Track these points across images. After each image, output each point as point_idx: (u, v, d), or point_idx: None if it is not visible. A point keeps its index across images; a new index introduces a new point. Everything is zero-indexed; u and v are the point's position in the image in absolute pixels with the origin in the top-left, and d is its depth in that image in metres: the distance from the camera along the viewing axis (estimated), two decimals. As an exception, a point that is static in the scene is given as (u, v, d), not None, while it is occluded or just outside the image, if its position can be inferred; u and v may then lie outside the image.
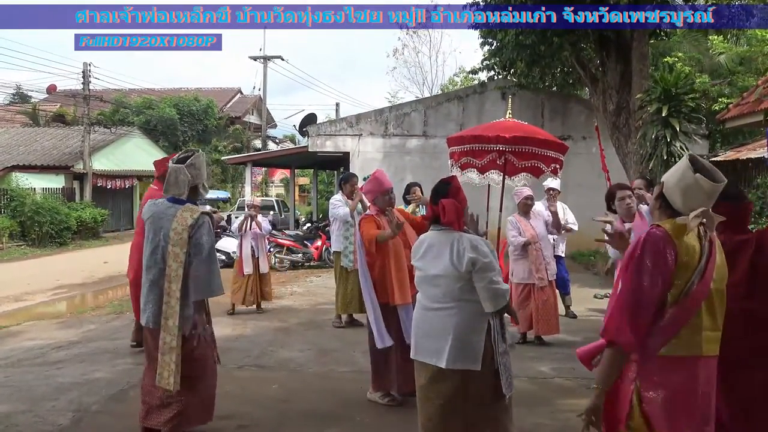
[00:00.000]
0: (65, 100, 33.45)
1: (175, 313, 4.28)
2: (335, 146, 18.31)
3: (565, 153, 7.47)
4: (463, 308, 3.71)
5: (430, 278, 3.80)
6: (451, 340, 3.67)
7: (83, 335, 8.73)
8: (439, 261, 3.75)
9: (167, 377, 4.27)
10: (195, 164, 4.44)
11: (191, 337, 4.41)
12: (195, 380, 4.44)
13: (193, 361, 4.43)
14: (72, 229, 23.46)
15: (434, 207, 3.85)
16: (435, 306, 3.78)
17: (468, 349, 3.68)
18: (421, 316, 3.87)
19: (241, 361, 7.24)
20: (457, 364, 3.66)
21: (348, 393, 6.12)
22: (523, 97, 17.31)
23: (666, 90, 10.69)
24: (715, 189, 2.87)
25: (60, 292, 13.27)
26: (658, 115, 10.73)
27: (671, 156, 10.44)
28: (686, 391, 2.84)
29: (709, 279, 2.87)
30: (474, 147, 7.27)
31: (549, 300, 7.88)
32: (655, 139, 10.70)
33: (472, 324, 3.71)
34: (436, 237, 3.85)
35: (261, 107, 38.76)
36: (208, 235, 4.37)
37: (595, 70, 14.86)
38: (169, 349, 4.27)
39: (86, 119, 26.99)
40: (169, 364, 4.26)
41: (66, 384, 6.32)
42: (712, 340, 2.91)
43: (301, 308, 10.73)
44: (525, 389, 6.04)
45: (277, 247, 16.19)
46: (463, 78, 35.31)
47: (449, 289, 3.71)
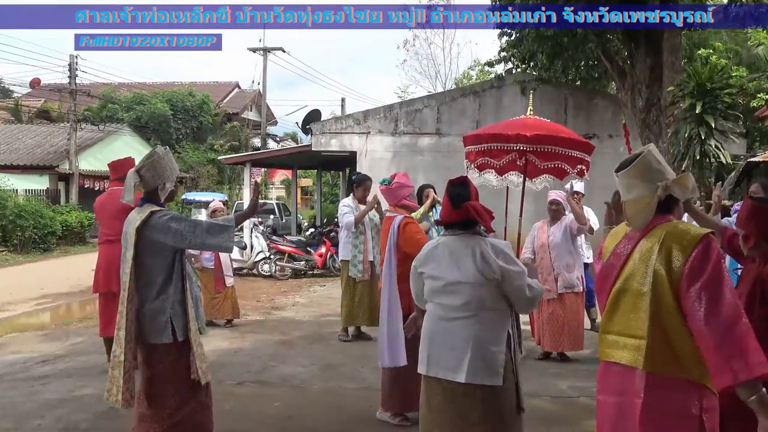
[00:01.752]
0: (50, 95, 33.62)
1: (125, 325, 4.28)
2: (341, 145, 18.35)
3: (591, 153, 7.47)
4: (484, 317, 3.72)
5: (447, 286, 3.79)
6: (471, 351, 3.66)
7: (70, 348, 8.79)
8: (459, 267, 3.74)
9: (116, 393, 4.28)
10: (147, 166, 4.50)
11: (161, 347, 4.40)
12: (173, 399, 4.43)
13: (163, 377, 4.42)
14: (57, 234, 23.58)
15: (457, 210, 3.83)
16: (453, 316, 3.77)
17: (490, 362, 3.68)
18: (436, 328, 3.85)
19: (240, 377, 7.27)
20: (476, 379, 3.66)
21: (355, 411, 6.15)
22: (545, 92, 17.28)
23: (700, 84, 10.68)
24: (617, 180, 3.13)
25: (44, 301, 13.33)
26: (691, 111, 10.72)
27: (705, 156, 10.43)
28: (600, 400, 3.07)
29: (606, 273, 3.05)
30: (492, 146, 7.26)
31: (555, 313, 7.88)
32: (688, 138, 10.69)
33: (494, 334, 3.73)
34: (452, 242, 3.85)
35: (260, 103, 38.84)
36: (175, 220, 4.38)
37: (622, 63, 14.84)
38: (117, 363, 4.27)
39: (72, 116, 27.16)
40: (118, 379, 4.27)
41: (53, 401, 6.36)
42: (610, 344, 3.02)
43: (304, 320, 10.77)
44: (546, 408, 6.05)
45: (278, 254, 16.25)
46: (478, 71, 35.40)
47: (471, 297, 3.71)
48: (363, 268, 8.85)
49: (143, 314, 4.34)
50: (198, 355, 4.44)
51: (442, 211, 4.00)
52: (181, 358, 4.43)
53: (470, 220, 3.81)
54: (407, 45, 34.46)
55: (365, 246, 8.90)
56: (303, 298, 13.02)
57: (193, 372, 4.42)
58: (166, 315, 4.37)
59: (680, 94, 11.22)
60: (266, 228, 19.48)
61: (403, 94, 39.23)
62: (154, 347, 4.38)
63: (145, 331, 4.36)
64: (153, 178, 4.49)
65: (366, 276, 8.87)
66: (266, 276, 16.10)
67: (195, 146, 36.25)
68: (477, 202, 3.86)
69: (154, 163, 4.51)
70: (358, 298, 8.89)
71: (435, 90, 36.41)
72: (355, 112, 19.58)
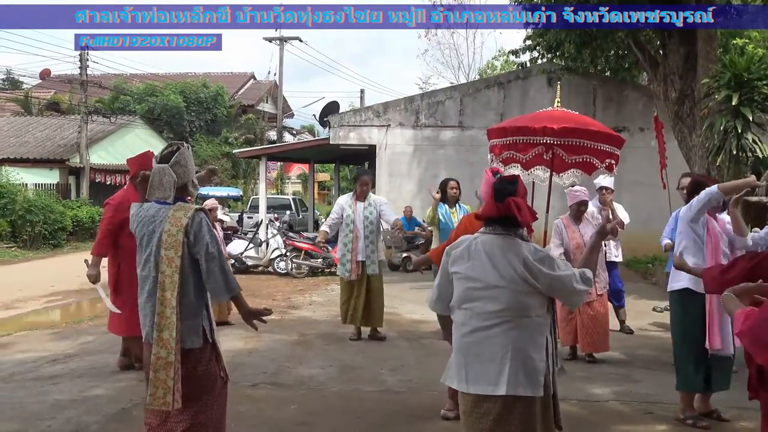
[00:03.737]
0: (60, 87, 33.91)
1: (172, 324, 4.29)
2: (360, 138, 18.36)
3: (621, 147, 7.41)
4: (523, 324, 3.55)
5: (485, 290, 3.59)
6: (510, 361, 3.49)
7: (80, 347, 8.83)
8: (498, 270, 3.56)
9: (162, 396, 4.28)
10: (180, 162, 4.49)
11: (196, 350, 4.44)
12: (201, 399, 4.48)
13: (196, 378, 4.46)
14: (67, 230, 23.74)
15: (499, 205, 3.63)
16: (489, 323, 3.57)
17: (531, 372, 3.52)
18: (470, 338, 3.63)
19: (255, 378, 7.29)
20: (518, 390, 3.49)
21: (375, 415, 6.14)
22: (572, 83, 17.21)
23: (736, 75, 10.59)
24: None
25: (54, 299, 13.42)
26: (727, 103, 10.63)
27: (741, 150, 10.34)
28: None
29: None
30: (517, 140, 7.22)
31: (597, 315, 7.86)
32: (724, 131, 10.60)
33: (534, 341, 3.57)
34: (491, 240, 3.65)
35: (276, 94, 38.95)
36: (209, 231, 4.40)
37: (654, 53, 14.74)
38: (165, 365, 4.27)
39: (83, 107, 27.33)
40: (165, 381, 4.27)
41: (63, 401, 6.40)
42: None
43: (321, 320, 10.78)
44: (574, 413, 6.01)
45: (295, 251, 16.27)
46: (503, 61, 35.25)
47: (510, 303, 3.53)
48: (350, 268, 8.88)
49: (181, 316, 4.36)
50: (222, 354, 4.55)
51: (483, 206, 3.82)
52: (212, 359, 4.49)
53: (512, 217, 3.58)
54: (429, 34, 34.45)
55: (354, 245, 8.94)
56: (320, 297, 13.03)
57: (221, 370, 4.51)
58: (201, 318, 4.42)
59: (715, 86, 11.13)
60: (282, 224, 19.54)
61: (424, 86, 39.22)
62: (190, 351, 4.40)
63: (185, 336, 4.38)
64: (184, 174, 4.50)
65: (353, 276, 8.90)
66: (282, 274, 16.14)
67: (209, 139, 36.38)
68: (523, 200, 3.66)
69: (186, 158, 4.54)
70: (354, 296, 8.98)
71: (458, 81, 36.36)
72: (375, 104, 19.60)
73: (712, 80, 11.38)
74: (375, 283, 9.14)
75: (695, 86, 12.99)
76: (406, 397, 6.73)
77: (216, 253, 4.37)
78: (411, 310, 11.33)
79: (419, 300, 11.98)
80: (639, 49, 14.82)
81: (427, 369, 7.57)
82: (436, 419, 5.94)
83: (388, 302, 9.73)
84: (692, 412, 5.88)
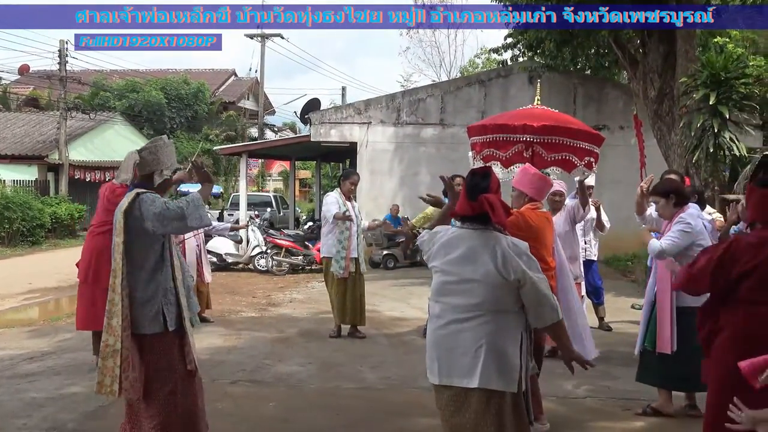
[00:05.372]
0: (39, 82, 33.61)
1: (119, 311, 4.28)
2: (341, 136, 18.34)
3: (600, 145, 7.45)
4: (498, 318, 3.58)
5: (461, 284, 3.62)
6: (484, 353, 3.53)
7: (58, 345, 8.78)
8: (475, 264, 3.58)
9: (110, 384, 4.27)
10: (150, 149, 4.53)
11: (152, 337, 4.39)
12: (162, 391, 4.42)
13: (156, 368, 4.42)
14: (46, 227, 23.54)
15: (472, 203, 3.64)
16: (464, 316, 3.60)
17: (504, 366, 3.55)
18: (445, 330, 3.66)
19: (234, 375, 7.26)
20: (491, 384, 3.53)
21: (354, 412, 6.14)
22: (553, 81, 17.27)
23: (714, 74, 10.66)
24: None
25: (32, 296, 13.34)
26: (705, 102, 10.70)
27: (719, 148, 10.41)
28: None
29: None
30: (498, 137, 7.25)
31: None
32: (701, 129, 10.67)
33: (509, 336, 3.59)
34: (469, 236, 3.67)
35: (258, 91, 38.84)
36: (154, 203, 4.33)
37: (634, 51, 14.81)
38: (112, 353, 4.25)
39: (62, 103, 27.10)
40: (113, 369, 4.26)
41: (39, 399, 6.36)
42: None
43: (301, 317, 10.76)
44: (553, 411, 6.03)
45: (275, 248, 16.23)
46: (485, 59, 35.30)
47: (486, 298, 3.56)
48: (344, 265, 8.87)
49: (134, 302, 4.34)
50: (192, 344, 4.48)
51: (458, 203, 3.79)
52: (173, 348, 4.44)
53: (486, 214, 3.60)
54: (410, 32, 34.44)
55: (349, 242, 8.92)
56: (300, 295, 13.01)
57: (189, 362, 4.45)
58: (158, 304, 4.38)
59: (693, 84, 11.20)
60: (263, 221, 19.46)
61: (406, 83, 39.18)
62: (144, 337, 4.37)
63: (136, 320, 4.36)
64: (152, 162, 4.51)
65: (346, 273, 8.89)
66: (263, 271, 16.09)
67: (190, 136, 36.17)
68: (496, 195, 3.66)
69: (158, 147, 4.55)
70: (348, 294, 8.94)
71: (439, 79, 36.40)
72: (356, 101, 19.60)
73: (691, 79, 11.45)
74: (363, 281, 9.16)
75: (674, 85, 13.07)
76: (385, 394, 6.74)
77: (167, 207, 4.31)
78: (391, 308, 11.33)
79: (399, 297, 12.00)
80: (619, 47, 14.89)
81: (406, 366, 7.58)
82: (415, 416, 5.95)
83: (369, 299, 9.72)
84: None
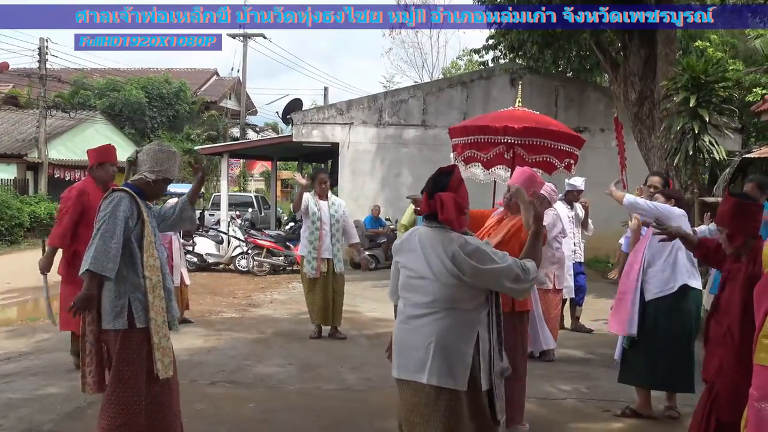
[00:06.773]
0: (18, 80, 33.34)
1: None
2: (323, 136, 18.31)
3: (581, 147, 7.49)
4: (451, 316, 3.61)
5: (416, 279, 3.69)
6: (434, 350, 3.57)
7: (36, 345, 8.70)
8: (429, 262, 3.63)
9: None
10: (145, 150, 4.66)
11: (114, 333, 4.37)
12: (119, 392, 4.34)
13: (115, 365, 4.38)
14: (25, 226, 23.37)
15: (429, 201, 3.68)
16: (418, 313, 3.67)
17: (454, 363, 3.58)
18: (406, 325, 3.74)
19: (213, 376, 7.22)
20: (440, 381, 3.56)
21: (334, 413, 6.12)
22: (534, 83, 17.34)
23: (694, 78, 10.71)
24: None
25: (10, 296, 13.23)
26: (685, 105, 10.75)
27: (698, 151, 10.46)
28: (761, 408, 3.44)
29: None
30: (479, 139, 7.28)
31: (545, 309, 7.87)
32: (681, 132, 10.72)
33: (461, 334, 3.62)
34: (427, 234, 3.70)
35: (240, 91, 38.73)
36: (111, 209, 4.35)
37: (615, 54, 14.88)
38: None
39: (42, 102, 26.92)
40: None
41: (15, 400, 6.30)
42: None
43: (281, 318, 10.73)
44: (533, 412, 6.04)
45: (256, 248, 16.18)
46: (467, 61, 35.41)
47: (438, 296, 3.61)
48: (315, 266, 8.85)
49: (101, 298, 4.33)
50: (160, 347, 4.38)
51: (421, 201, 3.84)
52: (140, 348, 4.38)
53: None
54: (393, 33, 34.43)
55: (320, 242, 8.89)
56: (281, 295, 12.97)
57: (157, 369, 4.35)
58: (124, 300, 4.35)
59: (674, 88, 11.25)
60: (244, 222, 19.42)
61: (388, 84, 39.25)
62: (108, 333, 4.36)
63: (103, 315, 4.36)
64: (141, 163, 4.56)
65: (317, 273, 8.87)
66: (243, 271, 16.04)
67: (171, 136, 35.97)
68: (454, 194, 3.67)
69: (150, 151, 4.63)
70: (319, 294, 8.93)
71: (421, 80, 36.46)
72: (338, 102, 19.58)
73: (671, 82, 11.50)
74: (339, 281, 9.12)
75: (655, 88, 13.14)
76: (366, 395, 6.73)
77: (98, 229, 4.32)
78: (372, 308, 11.32)
79: (380, 298, 11.98)
80: (600, 50, 14.96)
81: (387, 367, 7.47)
82: (395, 417, 5.92)
83: (350, 300, 9.71)
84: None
